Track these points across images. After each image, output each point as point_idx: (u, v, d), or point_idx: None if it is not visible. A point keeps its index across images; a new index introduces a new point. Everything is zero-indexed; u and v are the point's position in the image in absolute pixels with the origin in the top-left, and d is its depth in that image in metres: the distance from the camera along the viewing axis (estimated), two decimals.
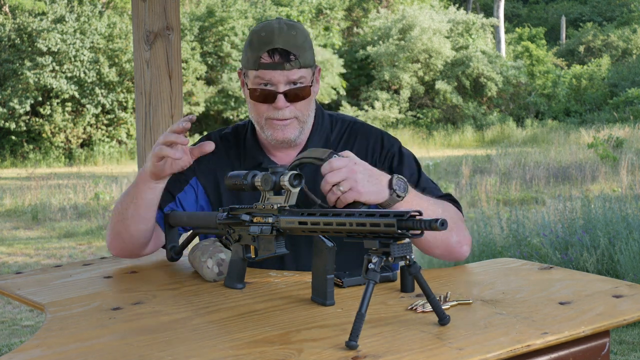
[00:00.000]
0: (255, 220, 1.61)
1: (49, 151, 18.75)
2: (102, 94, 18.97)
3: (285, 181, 1.54)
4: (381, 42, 22.67)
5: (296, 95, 1.83)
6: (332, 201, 1.61)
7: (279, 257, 1.63)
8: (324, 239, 1.50)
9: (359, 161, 1.62)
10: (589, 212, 5.56)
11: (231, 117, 20.72)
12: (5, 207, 10.68)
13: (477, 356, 1.19)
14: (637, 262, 4.67)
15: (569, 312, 1.42)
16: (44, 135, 18.75)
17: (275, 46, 1.78)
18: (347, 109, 20.82)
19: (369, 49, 22.49)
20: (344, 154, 1.62)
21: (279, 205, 1.56)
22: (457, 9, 25.45)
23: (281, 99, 1.82)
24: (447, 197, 1.88)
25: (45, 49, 18.47)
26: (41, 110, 18.68)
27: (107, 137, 19.44)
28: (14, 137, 18.73)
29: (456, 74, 22.16)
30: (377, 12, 24.87)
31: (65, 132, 18.96)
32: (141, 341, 1.32)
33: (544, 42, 27.11)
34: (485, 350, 1.21)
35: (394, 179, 1.63)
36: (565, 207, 6.05)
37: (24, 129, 18.64)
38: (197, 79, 20.44)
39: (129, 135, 19.45)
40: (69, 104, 18.89)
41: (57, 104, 18.80)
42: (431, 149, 17.74)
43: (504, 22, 27.28)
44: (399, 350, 1.22)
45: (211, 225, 1.76)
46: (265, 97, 1.83)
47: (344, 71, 21.83)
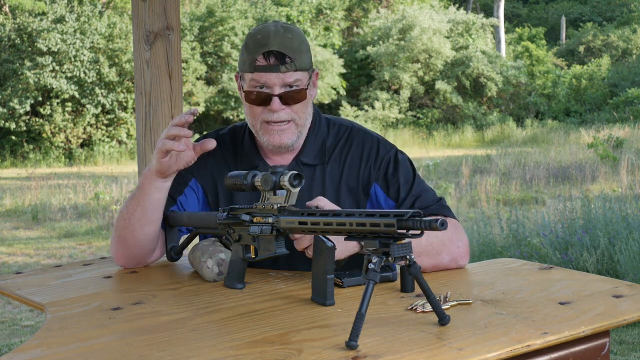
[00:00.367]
0: (255, 220, 1.62)
1: (49, 151, 18.75)
2: (102, 94, 18.96)
3: (285, 181, 1.54)
4: (381, 42, 22.66)
5: (291, 97, 1.82)
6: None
7: (275, 257, 1.63)
8: (324, 239, 1.50)
9: None
10: (589, 212, 5.56)
11: (231, 117, 20.71)
12: (5, 207, 10.68)
13: (477, 356, 1.19)
14: (637, 262, 4.67)
15: (569, 312, 1.42)
16: (44, 135, 18.75)
17: (270, 48, 1.78)
18: (347, 109, 20.81)
19: (369, 49, 22.48)
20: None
21: (279, 205, 1.56)
22: (457, 9, 25.44)
23: (276, 101, 1.81)
24: (438, 204, 1.88)
25: (45, 49, 18.47)
26: (41, 110, 18.68)
27: (107, 137, 19.43)
28: (14, 137, 18.72)
29: (456, 74, 22.15)
30: (377, 12, 24.86)
31: (65, 132, 18.95)
32: (141, 341, 1.32)
33: (544, 42, 27.11)
34: (485, 350, 1.21)
35: None
36: (565, 207, 6.04)
37: (24, 129, 18.64)
38: (197, 79, 20.44)
39: (129, 135, 19.45)
40: (69, 104, 18.89)
41: (57, 104, 18.79)
42: (431, 149, 17.73)
43: (504, 22, 27.27)
44: (399, 350, 1.22)
45: (211, 225, 1.76)
46: (260, 99, 1.82)
47: (344, 71, 21.82)
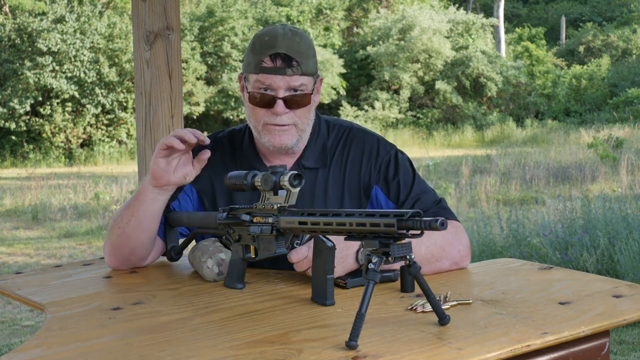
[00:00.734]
0: (255, 220, 1.61)
1: (49, 151, 18.75)
2: (102, 94, 18.96)
3: (285, 181, 1.54)
4: (381, 42, 22.66)
5: (296, 102, 1.81)
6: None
7: (275, 257, 1.64)
8: (324, 239, 1.50)
9: None
10: (589, 212, 5.56)
11: (231, 117, 20.71)
12: (5, 207, 10.68)
13: (477, 356, 1.19)
14: (637, 262, 4.67)
15: (569, 312, 1.42)
16: (44, 135, 18.75)
17: (277, 51, 1.77)
18: (347, 109, 20.81)
19: (369, 49, 22.48)
20: (301, 249, 1.63)
21: (279, 205, 1.56)
22: (457, 9, 25.44)
23: (280, 104, 1.80)
24: (439, 206, 1.87)
25: (45, 49, 18.47)
26: (41, 110, 18.68)
27: (107, 137, 19.43)
28: (14, 137, 18.72)
29: (456, 74, 22.15)
30: (377, 12, 24.86)
31: (65, 132, 18.95)
32: (141, 341, 1.32)
33: (543, 42, 27.11)
34: (485, 350, 1.21)
35: (359, 253, 1.65)
36: (565, 207, 6.04)
37: (24, 129, 18.64)
38: (197, 79, 20.44)
39: (129, 135, 19.45)
40: (69, 104, 18.89)
41: (57, 104, 18.80)
42: (431, 149, 17.73)
43: (504, 22, 27.28)
44: (399, 350, 1.22)
45: (211, 225, 1.76)
46: (264, 101, 1.81)
47: (344, 71, 21.82)
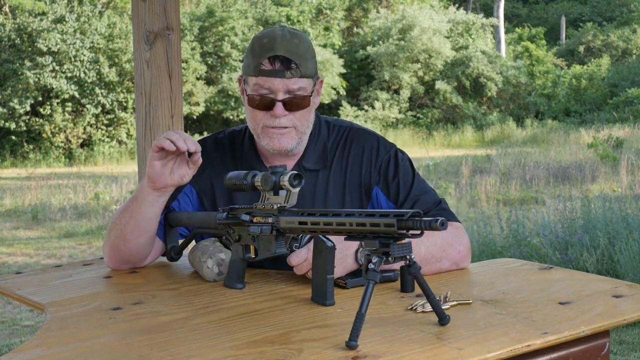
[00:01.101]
0: (255, 220, 1.61)
1: (49, 151, 18.75)
2: (102, 94, 18.97)
3: (285, 181, 1.54)
4: (381, 42, 22.66)
5: (295, 104, 1.81)
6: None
7: (275, 257, 1.64)
8: (324, 239, 1.50)
9: None
10: (589, 212, 5.56)
11: (231, 117, 20.71)
12: (5, 207, 10.67)
13: (477, 356, 1.19)
14: (637, 262, 4.67)
15: (569, 312, 1.42)
16: (44, 135, 18.75)
17: (276, 53, 1.77)
18: (347, 109, 20.81)
19: (369, 49, 22.47)
20: (300, 252, 1.63)
21: (279, 205, 1.56)
22: (457, 9, 25.44)
23: (279, 106, 1.80)
24: (438, 207, 1.87)
25: (45, 49, 18.47)
26: (41, 110, 18.68)
27: (107, 137, 19.43)
28: (14, 137, 18.72)
29: (456, 74, 22.15)
30: (377, 12, 24.85)
31: (65, 132, 18.95)
32: (141, 341, 1.32)
33: (544, 42, 27.10)
34: (485, 350, 1.21)
35: (359, 253, 1.66)
36: (565, 207, 6.04)
37: (24, 129, 18.64)
38: (197, 79, 20.44)
39: (129, 135, 19.45)
40: (69, 104, 18.89)
41: (57, 104, 18.80)
42: (431, 149, 17.73)
43: (504, 22, 27.27)
44: (399, 350, 1.22)
45: (211, 225, 1.76)
46: (263, 104, 1.81)
47: (344, 71, 21.82)
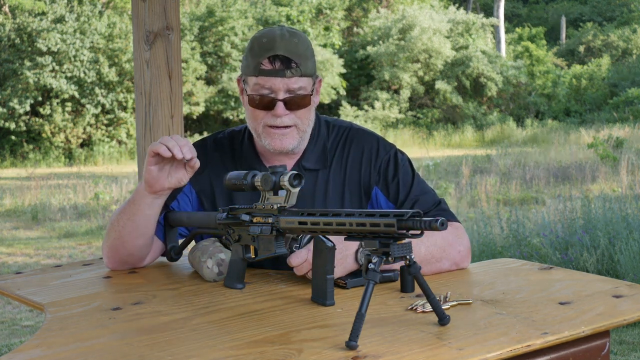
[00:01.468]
0: (255, 220, 1.61)
1: (48, 151, 18.74)
2: (102, 94, 18.96)
3: (285, 181, 1.54)
4: (381, 42, 22.66)
5: (296, 103, 1.81)
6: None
7: (275, 257, 1.64)
8: (324, 239, 1.50)
9: None
10: (589, 212, 5.56)
11: (231, 117, 20.71)
12: (5, 207, 10.67)
13: (477, 356, 1.19)
14: (637, 262, 4.67)
15: (569, 312, 1.42)
16: (44, 135, 18.75)
17: (276, 52, 1.77)
18: (347, 109, 20.80)
19: (369, 49, 22.47)
20: (300, 253, 1.63)
21: (278, 205, 1.56)
22: (457, 8, 25.43)
23: (280, 106, 1.80)
24: (438, 207, 1.87)
25: (45, 49, 18.47)
26: (41, 110, 18.68)
27: (107, 137, 19.43)
28: (14, 137, 18.72)
29: (456, 74, 22.15)
30: (377, 12, 24.85)
31: (65, 132, 18.95)
32: (141, 341, 1.32)
33: (544, 42, 27.10)
34: (485, 350, 1.21)
35: (359, 253, 1.66)
36: (565, 207, 6.04)
37: (24, 129, 18.64)
38: (197, 79, 20.44)
39: (129, 135, 19.45)
40: (69, 104, 18.89)
41: (57, 104, 18.80)
42: (431, 149, 17.73)
43: (504, 22, 27.26)
44: (399, 350, 1.22)
45: (211, 225, 1.76)
46: (264, 103, 1.81)
47: (344, 71, 21.82)
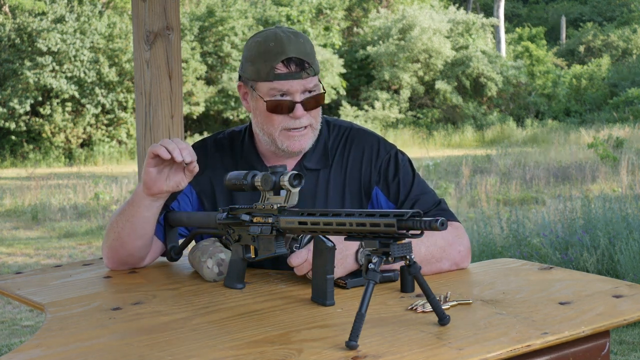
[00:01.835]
0: (255, 220, 1.61)
1: (49, 151, 18.74)
2: (102, 94, 18.96)
3: (285, 181, 1.54)
4: (381, 42, 22.66)
5: (312, 103, 1.83)
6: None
7: (275, 257, 1.64)
8: (324, 239, 1.50)
9: None
10: (589, 212, 5.56)
11: (231, 117, 20.70)
12: (5, 207, 10.67)
13: (477, 356, 1.19)
14: (637, 262, 4.67)
15: (569, 312, 1.42)
16: (44, 135, 18.75)
17: (289, 55, 1.77)
18: (347, 109, 20.80)
19: (369, 49, 22.47)
20: (301, 253, 1.63)
21: (278, 205, 1.56)
22: (457, 8, 25.42)
23: (299, 108, 1.81)
24: (438, 207, 1.87)
25: (45, 49, 18.47)
26: (41, 110, 18.68)
27: (107, 137, 19.43)
28: (14, 137, 18.72)
29: (456, 74, 22.14)
30: (377, 12, 24.84)
31: (65, 132, 18.95)
32: (141, 341, 1.32)
33: (544, 42, 27.09)
34: (485, 350, 1.21)
35: (359, 253, 1.66)
36: (565, 207, 6.04)
37: (24, 129, 18.64)
38: (197, 79, 20.43)
39: (129, 135, 19.45)
40: (69, 104, 18.89)
41: (57, 104, 18.79)
42: (431, 149, 17.72)
43: (504, 22, 27.25)
44: (399, 350, 1.22)
45: (211, 225, 1.76)
46: (283, 107, 1.81)
47: (344, 71, 21.81)
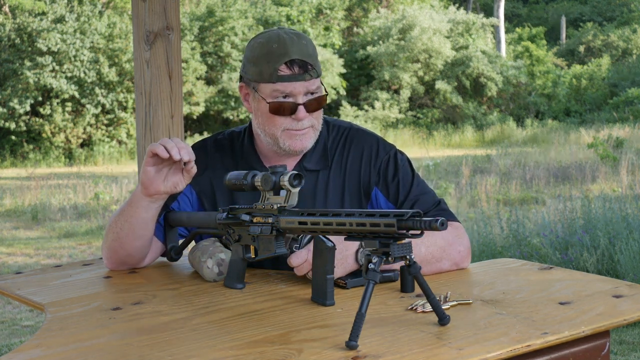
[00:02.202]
0: (255, 220, 1.61)
1: (49, 151, 18.74)
2: (102, 94, 18.96)
3: (285, 181, 1.54)
4: (381, 42, 22.66)
5: (315, 104, 1.83)
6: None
7: (275, 257, 1.64)
8: (324, 239, 1.50)
9: None
10: (589, 212, 5.56)
11: (231, 117, 20.70)
12: (5, 207, 10.67)
13: (477, 356, 1.19)
14: (637, 262, 4.67)
15: (569, 312, 1.42)
16: (44, 135, 18.75)
17: (292, 57, 1.78)
18: (347, 109, 20.80)
19: (369, 48, 22.47)
20: (301, 253, 1.63)
21: (279, 205, 1.56)
22: (457, 8, 25.42)
23: (302, 110, 1.81)
24: (438, 207, 1.87)
25: (45, 49, 18.47)
26: (41, 110, 18.67)
27: (107, 137, 19.43)
28: (14, 137, 18.72)
29: (456, 74, 22.14)
30: (377, 12, 24.84)
31: (65, 132, 18.95)
32: (141, 341, 1.32)
33: (544, 42, 27.09)
34: (485, 350, 1.21)
35: (359, 253, 1.66)
36: (565, 207, 6.04)
37: (24, 129, 18.63)
38: (197, 79, 20.43)
39: (129, 135, 19.45)
40: (69, 104, 18.89)
41: (57, 104, 18.79)
42: (431, 149, 17.72)
43: (504, 22, 27.25)
44: (399, 350, 1.22)
45: (211, 225, 1.76)
46: (285, 109, 1.82)
47: (344, 71, 21.81)
